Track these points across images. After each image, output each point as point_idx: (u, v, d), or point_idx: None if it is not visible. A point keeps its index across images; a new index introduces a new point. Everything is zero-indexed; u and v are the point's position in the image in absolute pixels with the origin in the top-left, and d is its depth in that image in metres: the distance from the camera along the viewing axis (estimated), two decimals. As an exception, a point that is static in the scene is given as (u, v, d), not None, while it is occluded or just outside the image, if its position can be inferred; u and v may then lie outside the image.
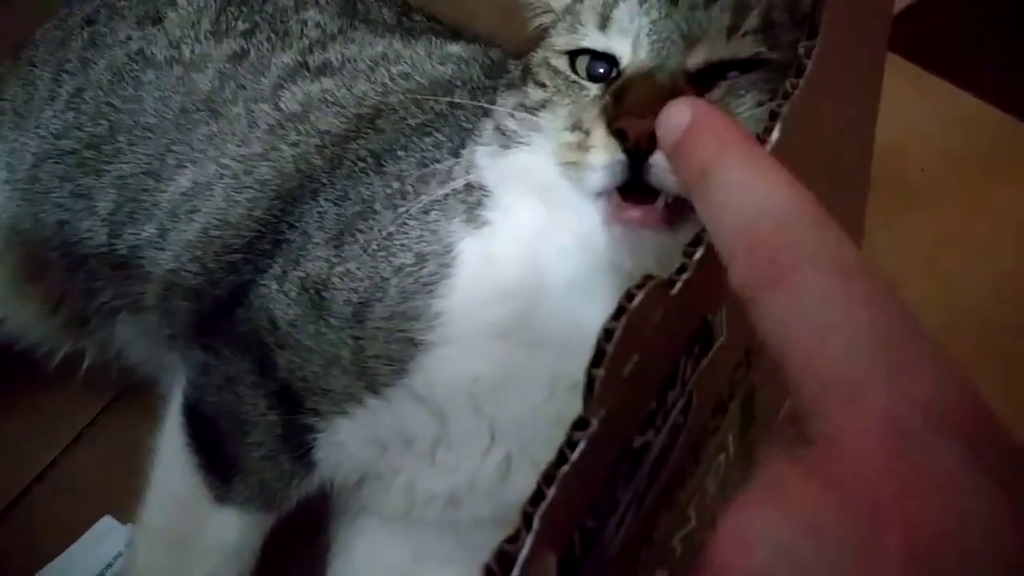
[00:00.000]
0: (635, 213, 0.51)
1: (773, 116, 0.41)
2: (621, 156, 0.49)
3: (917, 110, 0.99)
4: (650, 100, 0.48)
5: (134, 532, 0.70)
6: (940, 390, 0.29)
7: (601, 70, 0.55)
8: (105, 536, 0.81)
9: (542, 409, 0.58)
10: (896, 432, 0.28)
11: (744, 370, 0.55)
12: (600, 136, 0.50)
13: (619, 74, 0.54)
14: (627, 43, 0.53)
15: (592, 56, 0.55)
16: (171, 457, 0.67)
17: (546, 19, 0.63)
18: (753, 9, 0.53)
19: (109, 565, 0.80)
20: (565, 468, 0.32)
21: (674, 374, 0.42)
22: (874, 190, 0.81)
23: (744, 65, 0.53)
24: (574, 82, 0.55)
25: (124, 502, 0.70)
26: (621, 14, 0.54)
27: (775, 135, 0.40)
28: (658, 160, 0.48)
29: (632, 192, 0.51)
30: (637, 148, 0.48)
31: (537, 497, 0.31)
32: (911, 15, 1.05)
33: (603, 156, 0.50)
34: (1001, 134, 0.98)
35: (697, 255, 0.38)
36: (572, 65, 0.56)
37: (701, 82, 0.52)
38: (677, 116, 0.40)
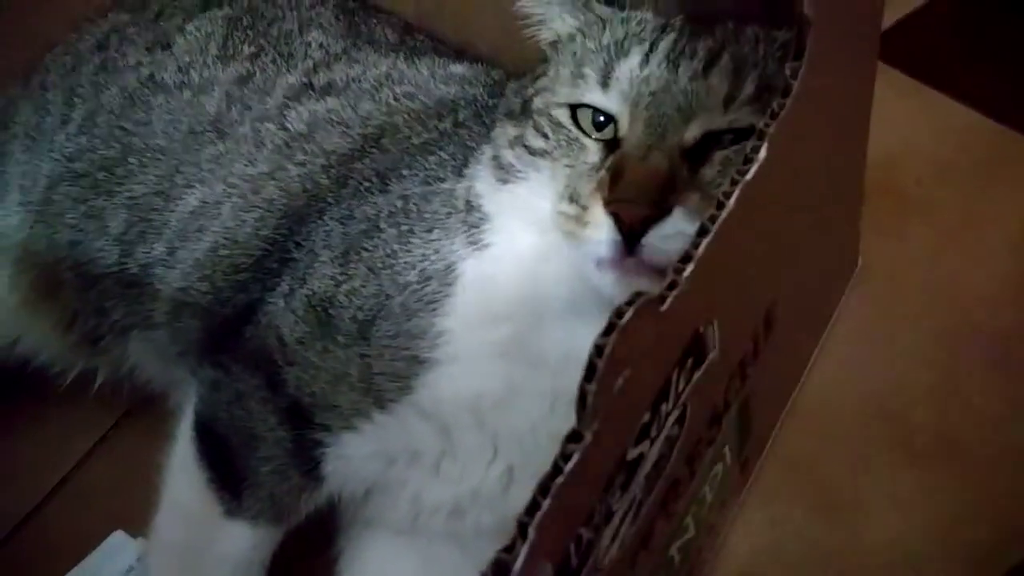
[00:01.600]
0: (628, 265, 0.52)
1: (760, 136, 0.42)
2: (616, 236, 0.50)
3: (913, 122, 1.00)
4: (646, 185, 0.51)
5: (146, 546, 0.70)
6: None
7: (602, 119, 0.56)
8: (117, 550, 0.81)
9: (543, 424, 0.59)
10: None
11: (739, 382, 0.56)
12: (597, 214, 0.51)
13: (617, 139, 0.55)
14: (626, 109, 0.54)
15: (595, 110, 0.56)
16: (182, 472, 0.68)
17: (545, 35, 0.64)
18: (752, 71, 0.54)
19: (121, 579, 0.80)
20: (559, 479, 0.33)
21: (667, 387, 0.43)
22: (871, 201, 0.82)
23: (739, 133, 0.54)
24: (575, 139, 0.56)
25: (135, 516, 0.71)
26: (623, 75, 0.55)
27: (762, 154, 0.41)
28: (651, 241, 0.50)
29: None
30: (631, 231, 0.50)
31: (532, 508, 0.32)
32: (906, 28, 1.05)
33: (599, 233, 0.51)
34: (996, 145, 0.99)
35: (687, 271, 0.40)
36: (574, 116, 0.57)
37: (696, 155, 0.53)
38: None
